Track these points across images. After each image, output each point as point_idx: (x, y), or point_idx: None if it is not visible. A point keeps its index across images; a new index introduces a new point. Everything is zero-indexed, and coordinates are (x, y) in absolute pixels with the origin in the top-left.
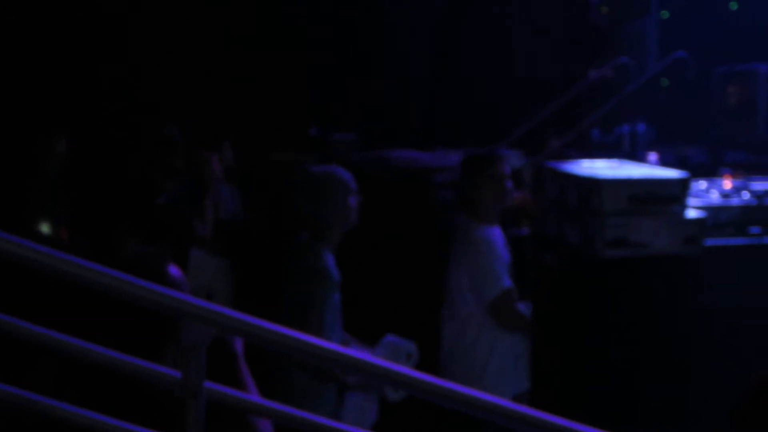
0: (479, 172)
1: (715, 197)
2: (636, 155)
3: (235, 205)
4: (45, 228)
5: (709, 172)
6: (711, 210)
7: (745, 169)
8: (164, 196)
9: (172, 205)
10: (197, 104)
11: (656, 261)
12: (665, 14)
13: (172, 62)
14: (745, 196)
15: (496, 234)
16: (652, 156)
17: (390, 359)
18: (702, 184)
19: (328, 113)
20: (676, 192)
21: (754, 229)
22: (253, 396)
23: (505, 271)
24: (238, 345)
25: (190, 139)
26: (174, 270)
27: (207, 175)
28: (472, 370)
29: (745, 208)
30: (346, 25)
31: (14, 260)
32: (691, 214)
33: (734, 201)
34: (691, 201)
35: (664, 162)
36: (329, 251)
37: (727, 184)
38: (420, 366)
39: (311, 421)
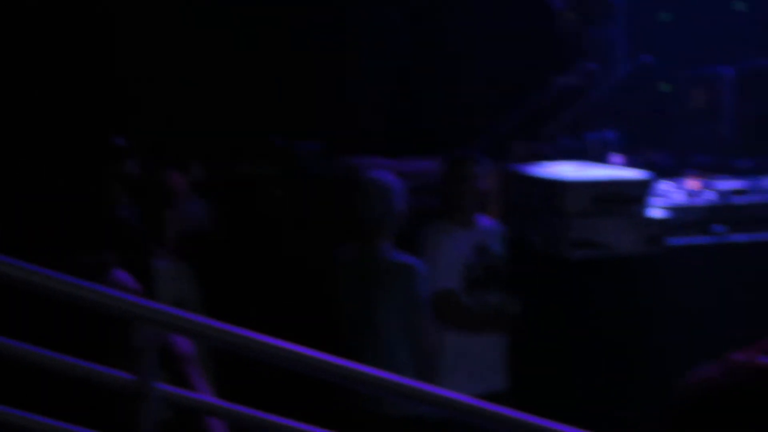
0: (455, 175)
1: (679, 197)
2: (603, 160)
3: (203, 218)
4: None
5: (676, 174)
6: (675, 210)
7: (710, 171)
8: (122, 208)
9: (130, 217)
10: (163, 119)
11: (620, 261)
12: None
13: (137, 75)
14: (710, 195)
15: (461, 237)
16: (617, 158)
17: None
18: (667, 185)
19: (292, 122)
20: (639, 192)
21: (718, 228)
22: (204, 396)
23: (452, 272)
24: (187, 347)
25: (154, 154)
26: (121, 275)
27: (168, 189)
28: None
29: (709, 208)
30: (310, 34)
31: None
32: (655, 214)
33: (699, 200)
34: (656, 201)
35: (631, 166)
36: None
37: (693, 184)
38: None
39: (266, 420)
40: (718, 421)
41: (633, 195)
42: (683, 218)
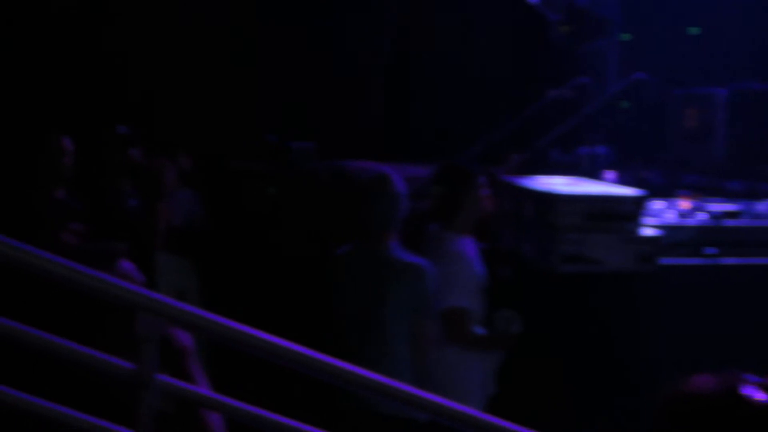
0: (464, 183)
1: (671, 217)
2: (594, 176)
3: (195, 210)
4: None
5: (666, 193)
6: (667, 229)
7: (702, 192)
8: (129, 197)
9: (137, 206)
10: (155, 110)
11: (610, 277)
12: (626, 36)
13: (136, 69)
14: (702, 216)
15: (469, 246)
16: (610, 175)
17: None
18: (659, 205)
19: (287, 122)
20: (632, 210)
21: (710, 250)
22: (204, 389)
23: (466, 288)
24: (187, 340)
25: (146, 144)
26: (126, 264)
27: (161, 181)
28: (437, 385)
29: (701, 229)
30: (309, 37)
31: None
32: (647, 232)
33: (691, 221)
34: (648, 220)
35: (622, 183)
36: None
37: (685, 204)
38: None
39: (263, 417)
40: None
41: (626, 212)
42: (674, 238)
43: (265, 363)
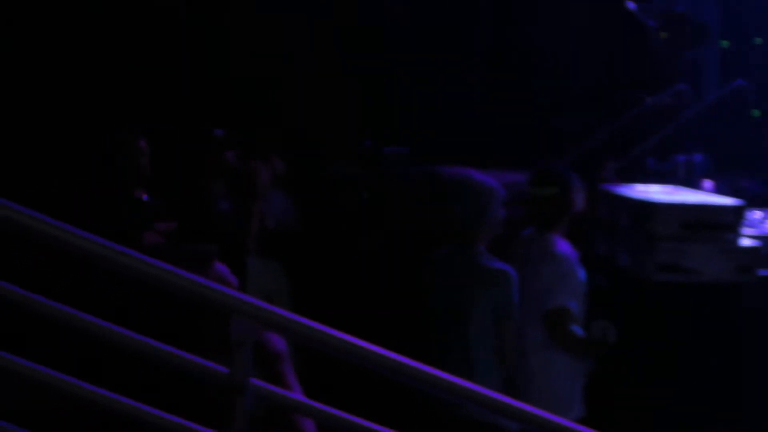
0: (567, 185)
1: None
2: (691, 184)
3: (288, 214)
4: None
5: (765, 203)
6: (766, 240)
7: None
8: (221, 200)
9: (228, 209)
10: (249, 114)
11: (708, 288)
12: (725, 43)
13: (234, 74)
14: None
15: (570, 249)
16: (708, 184)
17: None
18: (757, 215)
19: (382, 126)
20: (731, 220)
21: None
22: (297, 395)
23: (573, 291)
24: (281, 345)
25: (241, 148)
26: (221, 267)
27: (256, 184)
28: (541, 390)
29: None
30: (404, 41)
31: (81, 254)
32: (745, 242)
33: None
34: (746, 230)
35: (719, 192)
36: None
37: None
38: None
39: (354, 422)
40: None
41: (725, 222)
42: None
43: (356, 367)
